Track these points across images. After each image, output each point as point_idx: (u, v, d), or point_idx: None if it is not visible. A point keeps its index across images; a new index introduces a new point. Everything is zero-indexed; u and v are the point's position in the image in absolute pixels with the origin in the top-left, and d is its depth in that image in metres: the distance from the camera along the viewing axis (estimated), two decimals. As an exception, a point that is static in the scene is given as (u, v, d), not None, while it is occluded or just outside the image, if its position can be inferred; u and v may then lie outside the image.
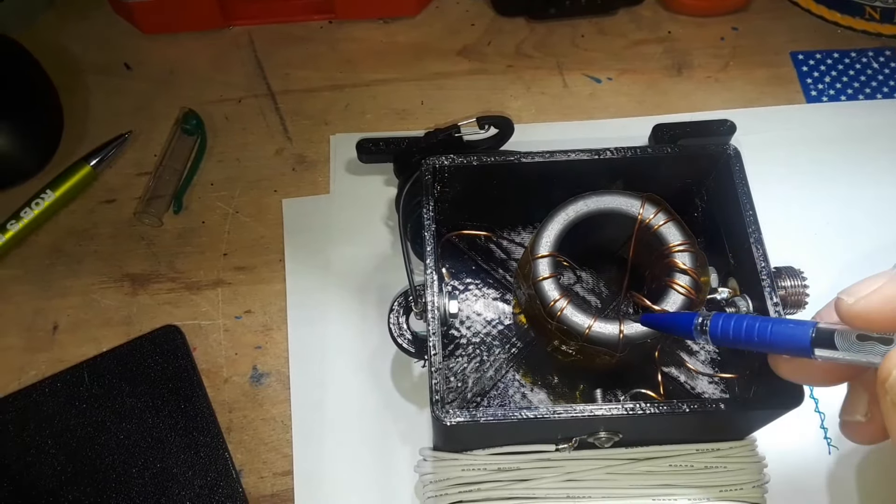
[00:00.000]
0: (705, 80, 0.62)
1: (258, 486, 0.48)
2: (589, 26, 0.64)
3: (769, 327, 0.32)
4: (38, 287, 0.53)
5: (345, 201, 0.56)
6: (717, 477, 0.44)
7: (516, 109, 0.60)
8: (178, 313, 0.52)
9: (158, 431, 0.48)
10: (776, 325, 0.32)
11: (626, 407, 0.38)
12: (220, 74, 0.62)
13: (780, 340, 0.32)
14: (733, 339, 0.34)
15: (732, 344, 0.34)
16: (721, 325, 0.35)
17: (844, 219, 0.55)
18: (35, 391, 0.49)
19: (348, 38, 0.64)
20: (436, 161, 0.45)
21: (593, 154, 0.45)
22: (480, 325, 0.49)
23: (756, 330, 0.33)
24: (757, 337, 0.33)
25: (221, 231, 0.55)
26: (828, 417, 0.46)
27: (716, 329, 0.35)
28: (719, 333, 0.35)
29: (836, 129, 0.59)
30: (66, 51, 0.62)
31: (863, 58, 0.63)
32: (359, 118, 0.60)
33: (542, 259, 0.42)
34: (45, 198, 0.55)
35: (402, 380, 0.50)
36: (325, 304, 0.52)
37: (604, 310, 0.49)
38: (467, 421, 0.38)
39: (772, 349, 0.33)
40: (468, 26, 0.64)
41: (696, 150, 0.46)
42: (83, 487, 0.47)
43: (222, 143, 0.59)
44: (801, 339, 0.30)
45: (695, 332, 0.36)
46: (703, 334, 0.36)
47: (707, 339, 0.36)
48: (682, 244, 0.42)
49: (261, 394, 0.50)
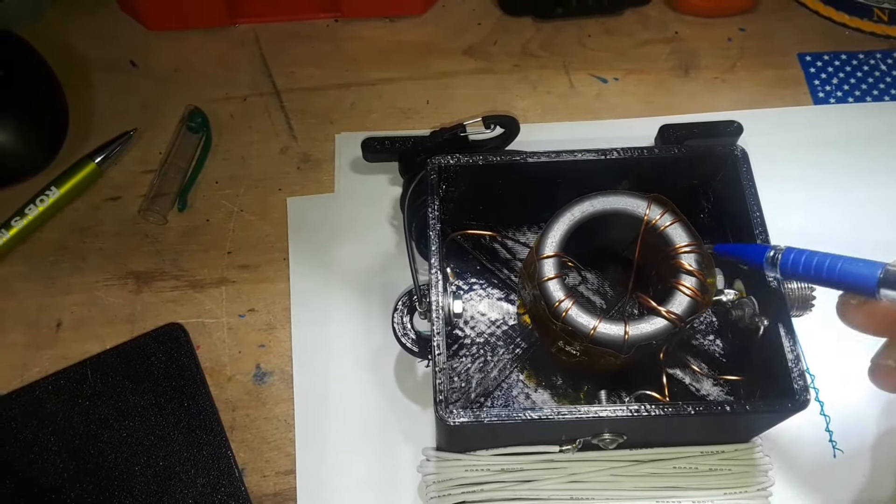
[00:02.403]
0: (712, 80, 0.62)
1: (261, 485, 0.47)
2: (596, 26, 0.64)
3: (839, 265, 0.33)
4: (42, 284, 0.53)
5: (349, 200, 0.56)
6: (721, 479, 0.44)
7: (522, 109, 0.60)
8: (181, 311, 0.52)
9: (161, 429, 0.48)
10: (846, 262, 0.33)
11: (631, 408, 0.38)
12: (226, 72, 0.62)
13: (848, 278, 0.33)
14: (802, 273, 0.35)
15: (801, 278, 0.36)
16: (792, 258, 0.36)
17: (852, 221, 0.55)
18: (38, 388, 0.49)
19: (354, 37, 0.64)
20: (441, 160, 0.45)
21: (599, 154, 0.45)
22: (485, 326, 0.49)
23: (826, 266, 0.34)
24: (826, 273, 0.34)
25: (226, 229, 0.55)
26: (833, 420, 0.46)
27: (787, 262, 0.36)
28: (790, 266, 0.36)
29: (844, 131, 0.59)
30: (71, 48, 0.62)
31: (871, 60, 0.62)
32: (364, 117, 0.60)
33: (548, 259, 0.42)
34: (50, 195, 0.55)
35: (405, 379, 0.50)
36: (328, 304, 0.52)
37: (609, 311, 0.49)
38: (471, 421, 0.38)
39: (839, 286, 0.34)
40: (474, 25, 0.64)
41: (703, 151, 0.46)
42: (85, 485, 0.47)
43: (227, 142, 0.59)
44: (869, 278, 0.31)
45: (766, 263, 0.37)
46: (774, 267, 0.37)
47: (777, 271, 0.36)
48: (688, 245, 0.42)
49: (264, 392, 0.50)
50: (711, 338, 0.48)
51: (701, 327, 0.48)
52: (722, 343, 0.48)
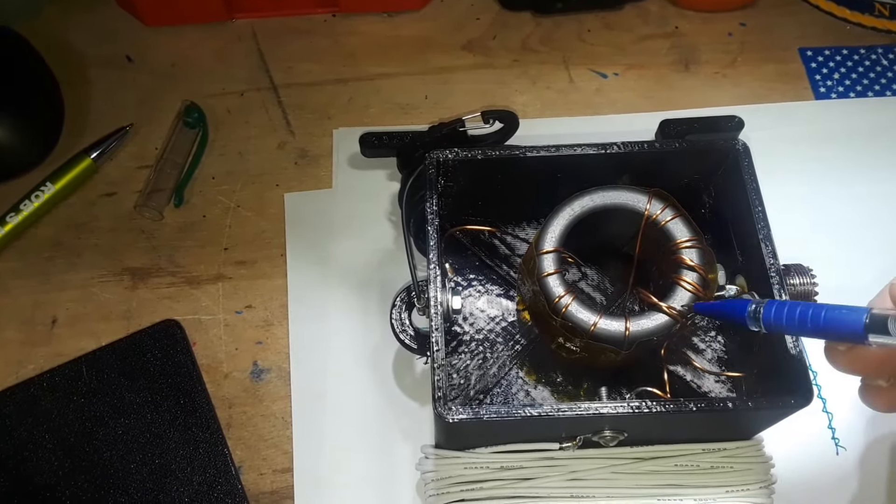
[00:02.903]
0: (713, 75, 0.61)
1: (258, 483, 0.47)
2: (595, 21, 0.64)
3: (822, 314, 0.32)
4: (37, 280, 0.53)
5: (347, 196, 0.56)
6: (723, 477, 0.43)
7: (521, 104, 0.60)
8: (178, 308, 0.52)
9: (157, 427, 0.48)
10: (829, 311, 0.32)
11: (632, 405, 0.38)
12: (223, 67, 0.61)
13: (834, 326, 0.32)
14: (787, 326, 0.34)
15: (786, 331, 0.35)
16: (774, 311, 0.35)
17: (853, 216, 0.55)
18: (33, 385, 0.49)
19: (352, 32, 0.63)
20: (440, 155, 0.44)
21: (600, 149, 0.45)
22: (484, 322, 0.48)
23: (809, 316, 0.33)
24: (810, 324, 0.33)
25: (222, 225, 0.55)
26: (836, 418, 0.45)
27: (769, 316, 0.35)
28: (772, 320, 0.35)
29: (845, 126, 0.59)
30: (68, 43, 0.62)
31: (872, 55, 0.62)
32: (362, 112, 0.59)
33: (547, 255, 0.42)
34: (45, 190, 0.54)
35: (403, 376, 0.49)
36: (326, 300, 0.52)
37: (609, 307, 0.48)
38: (470, 418, 0.38)
39: (826, 336, 0.33)
40: (473, 20, 0.64)
41: (704, 146, 0.46)
42: (81, 482, 0.46)
43: (224, 137, 0.58)
44: (855, 325, 0.31)
45: (748, 319, 0.36)
46: (757, 321, 0.36)
47: (760, 326, 0.36)
48: (689, 240, 0.42)
49: (261, 390, 0.49)
50: (713, 334, 0.48)
51: (702, 323, 0.48)
52: (723, 339, 0.48)
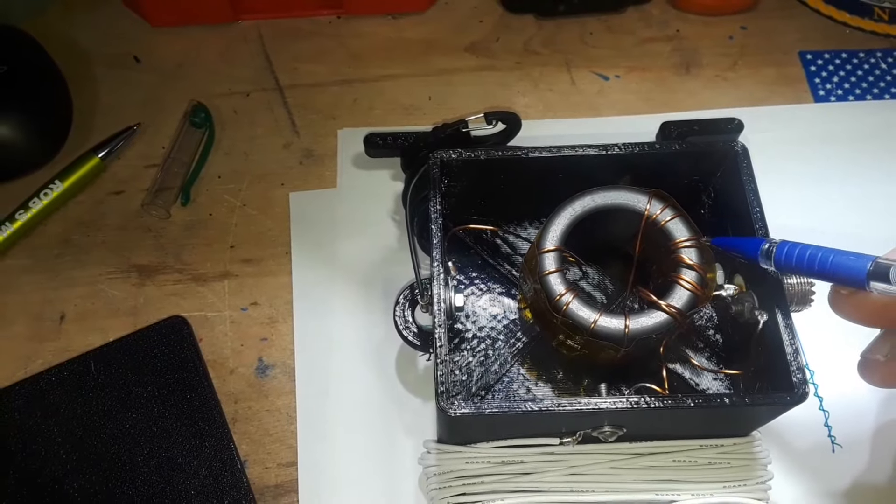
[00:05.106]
0: (713, 78, 0.62)
1: (262, 477, 0.48)
2: (597, 24, 0.64)
3: (830, 258, 0.34)
4: (45, 277, 0.53)
5: (352, 195, 0.56)
6: (720, 473, 0.44)
7: (524, 106, 0.60)
8: (184, 304, 0.53)
9: (164, 421, 0.48)
10: (837, 255, 0.34)
11: (631, 400, 0.38)
12: (229, 68, 0.62)
13: (839, 271, 0.34)
14: (796, 266, 0.36)
15: (795, 271, 0.37)
16: (786, 251, 0.37)
17: (851, 218, 0.55)
18: (41, 380, 0.49)
19: (356, 34, 0.64)
20: (443, 155, 0.45)
21: (601, 149, 0.45)
22: (486, 320, 0.49)
23: (818, 259, 0.35)
24: (818, 266, 0.35)
25: (228, 224, 0.56)
26: (832, 415, 0.46)
27: (780, 255, 0.37)
28: (783, 259, 0.37)
29: (844, 129, 0.59)
30: (75, 43, 0.63)
31: (871, 58, 0.63)
32: (366, 113, 0.60)
33: (549, 254, 0.42)
34: (54, 188, 0.55)
35: (406, 373, 0.50)
36: (331, 297, 0.52)
37: (609, 305, 0.49)
38: (472, 412, 0.38)
39: (831, 278, 0.35)
40: (476, 23, 0.64)
41: (704, 147, 0.46)
42: (88, 476, 0.47)
43: (230, 137, 0.59)
44: (859, 271, 0.33)
45: (760, 256, 0.38)
46: (769, 259, 0.38)
47: (771, 264, 0.38)
48: (688, 240, 0.42)
49: (266, 385, 0.50)
50: (711, 332, 0.48)
51: (701, 322, 0.49)
52: (722, 337, 0.48)
